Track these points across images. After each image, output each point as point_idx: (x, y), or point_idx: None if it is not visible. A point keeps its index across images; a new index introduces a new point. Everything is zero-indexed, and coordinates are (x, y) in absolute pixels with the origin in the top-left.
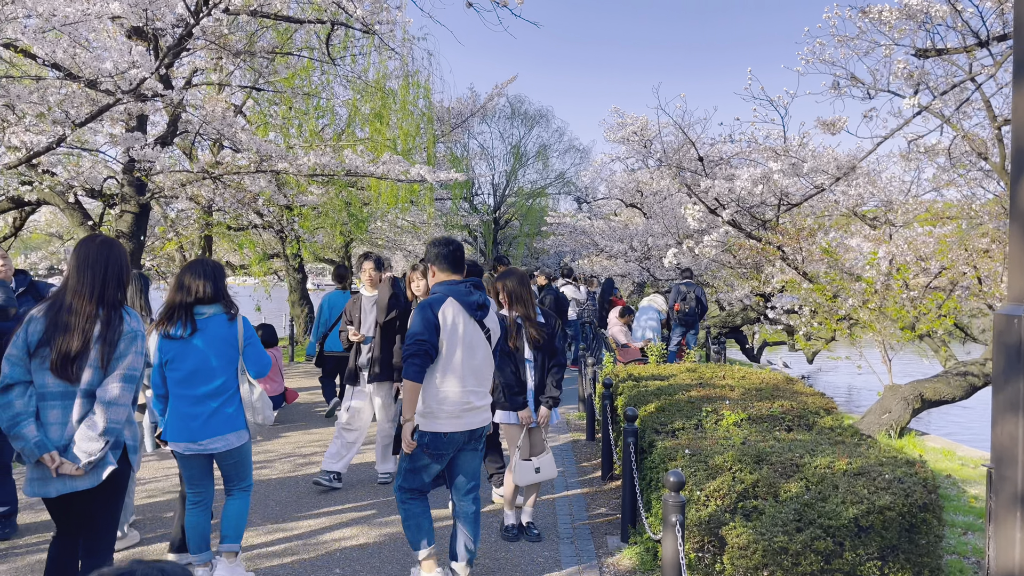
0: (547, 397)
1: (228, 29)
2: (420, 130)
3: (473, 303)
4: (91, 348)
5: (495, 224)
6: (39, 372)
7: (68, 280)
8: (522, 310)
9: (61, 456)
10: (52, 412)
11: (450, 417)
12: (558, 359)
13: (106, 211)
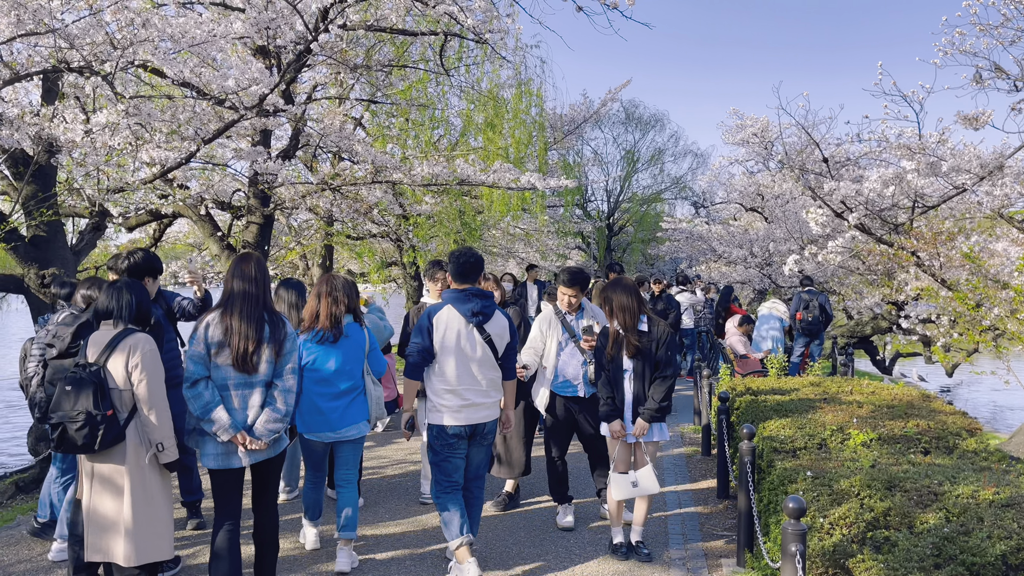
0: (645, 409)
1: (347, 44)
2: (532, 138)
3: (468, 310)
4: (263, 347)
5: (608, 230)
6: (221, 368)
7: (235, 291)
8: (623, 319)
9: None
10: (233, 400)
11: (450, 411)
12: (664, 370)
13: (234, 222)
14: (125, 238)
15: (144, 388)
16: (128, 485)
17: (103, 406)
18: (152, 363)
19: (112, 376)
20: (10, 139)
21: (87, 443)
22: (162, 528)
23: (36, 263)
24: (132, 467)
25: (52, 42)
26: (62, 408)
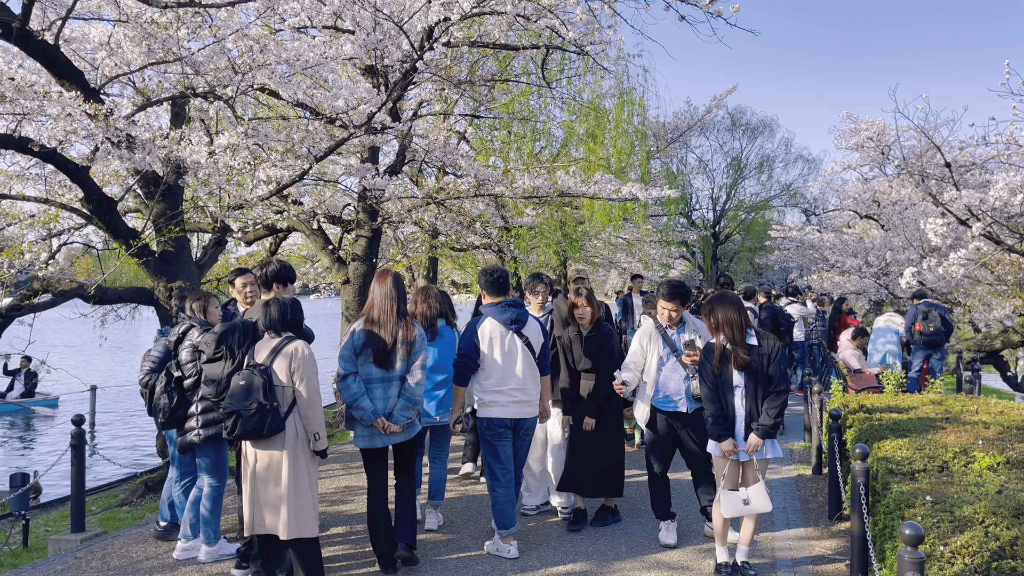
0: (758, 425)
1: (451, 61)
2: (634, 147)
3: (507, 319)
4: (398, 347)
5: (714, 239)
6: (365, 365)
7: (375, 302)
8: (729, 333)
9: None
10: (376, 391)
11: (498, 406)
12: (777, 385)
13: (344, 235)
14: (243, 251)
15: (304, 386)
16: (286, 468)
17: (270, 398)
18: (309, 365)
19: (277, 375)
20: (143, 161)
21: (256, 429)
22: (310, 508)
23: (165, 276)
24: (290, 453)
25: (180, 69)
26: (237, 399)
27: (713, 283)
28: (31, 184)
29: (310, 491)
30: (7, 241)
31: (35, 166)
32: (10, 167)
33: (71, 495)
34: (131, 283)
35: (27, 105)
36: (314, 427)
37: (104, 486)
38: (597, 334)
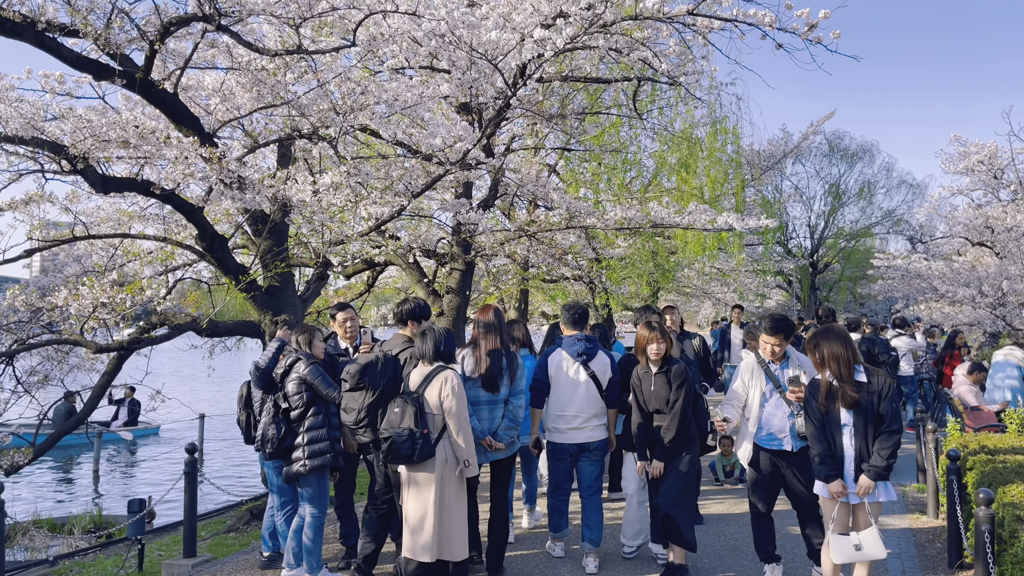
0: (870, 466)
1: (542, 96)
2: (728, 176)
3: (575, 351)
4: (503, 373)
5: (812, 268)
6: (473, 389)
7: (480, 332)
8: (836, 369)
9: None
10: (483, 412)
11: (559, 432)
12: (889, 424)
13: (438, 269)
14: (341, 283)
15: (454, 414)
16: (435, 493)
17: (421, 425)
18: (459, 394)
19: (428, 403)
20: (252, 201)
21: (409, 454)
22: (459, 532)
23: (271, 310)
24: (439, 478)
25: (286, 112)
26: (392, 425)
27: (812, 313)
28: (150, 223)
29: (458, 515)
30: (127, 277)
31: (154, 206)
32: (131, 207)
33: (184, 521)
34: (237, 316)
35: (149, 150)
36: (463, 454)
37: (212, 512)
38: (668, 371)
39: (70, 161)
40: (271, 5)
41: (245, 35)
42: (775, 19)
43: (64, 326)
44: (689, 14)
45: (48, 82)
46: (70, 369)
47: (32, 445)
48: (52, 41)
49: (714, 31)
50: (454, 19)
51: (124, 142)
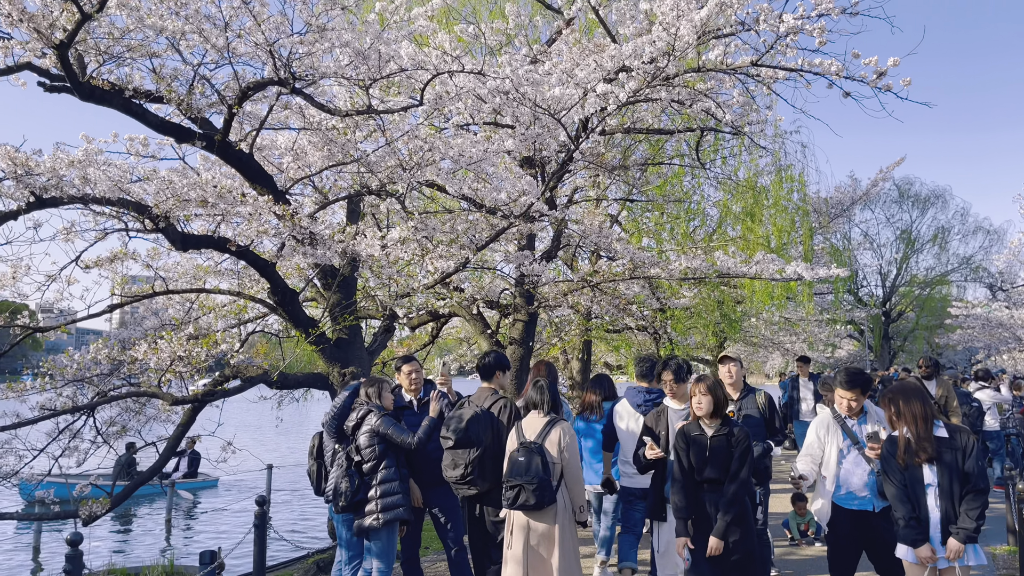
0: (959, 528)
1: (604, 148)
2: (795, 224)
3: (636, 402)
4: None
5: (885, 317)
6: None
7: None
8: (913, 426)
9: None
10: None
11: (626, 477)
12: (976, 482)
13: (501, 320)
14: (405, 333)
15: (571, 463)
16: (556, 538)
17: (545, 472)
18: (574, 443)
19: (548, 452)
20: (323, 256)
21: (539, 501)
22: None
23: (339, 362)
24: (559, 524)
25: (355, 169)
26: (519, 474)
27: (885, 364)
28: (224, 278)
29: (575, 559)
30: (202, 330)
31: (228, 261)
32: (207, 262)
33: (253, 573)
34: (306, 368)
35: (225, 208)
36: (579, 500)
37: (280, 564)
38: (729, 434)
39: (152, 220)
40: (342, 68)
41: (317, 96)
42: (842, 68)
43: (143, 378)
44: (753, 65)
45: (133, 145)
46: (147, 420)
47: (110, 495)
48: (138, 107)
49: (779, 81)
50: (518, 77)
51: (203, 201)
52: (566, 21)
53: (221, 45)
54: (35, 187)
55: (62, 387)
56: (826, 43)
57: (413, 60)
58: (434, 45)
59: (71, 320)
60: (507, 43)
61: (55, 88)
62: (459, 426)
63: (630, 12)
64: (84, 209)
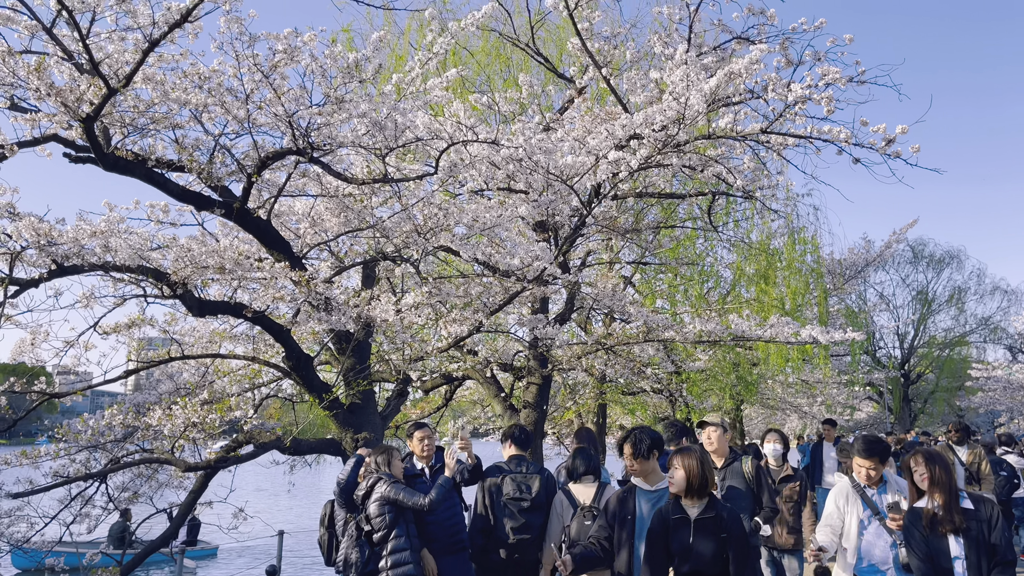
0: None
1: (617, 212)
2: (809, 286)
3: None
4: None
5: (904, 379)
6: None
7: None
8: (937, 496)
9: None
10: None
11: None
12: (1004, 555)
13: (515, 383)
14: (419, 395)
15: None
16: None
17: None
18: None
19: None
20: (338, 322)
21: (607, 561)
22: None
23: (352, 428)
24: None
25: (371, 234)
26: (585, 536)
27: (906, 426)
28: (240, 343)
29: None
30: (216, 395)
31: (244, 326)
32: (222, 327)
33: None
34: (319, 433)
35: (242, 274)
36: None
37: None
38: (716, 519)
39: (171, 286)
40: (360, 137)
41: (334, 164)
42: (851, 135)
43: (156, 444)
44: (762, 132)
45: (154, 212)
46: (159, 487)
47: (119, 564)
48: (160, 176)
49: (789, 147)
50: (531, 145)
51: (220, 268)
52: (578, 90)
53: (242, 116)
54: (57, 256)
55: (75, 453)
56: (834, 111)
57: (429, 129)
58: (449, 114)
59: (87, 385)
60: (520, 111)
61: (80, 159)
62: (535, 488)
63: (640, 81)
64: (104, 276)
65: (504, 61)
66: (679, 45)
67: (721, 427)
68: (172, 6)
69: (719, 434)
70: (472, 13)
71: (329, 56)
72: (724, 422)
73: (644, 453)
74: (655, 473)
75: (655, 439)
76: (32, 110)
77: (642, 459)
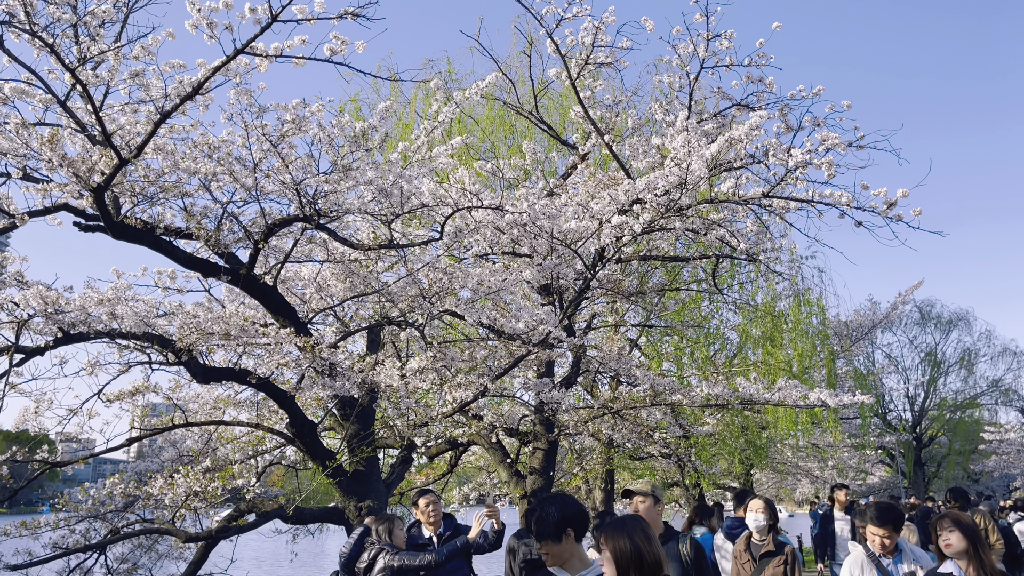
0: None
1: (621, 275)
2: (816, 348)
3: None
4: None
5: (916, 442)
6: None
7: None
8: (975, 568)
9: None
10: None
11: None
12: None
13: (521, 448)
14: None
15: None
16: None
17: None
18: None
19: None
20: (342, 388)
21: None
22: None
23: (355, 496)
24: None
25: (376, 299)
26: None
27: (921, 491)
28: (244, 409)
29: None
30: (219, 462)
31: (247, 391)
32: (226, 392)
33: None
34: (322, 500)
35: (247, 340)
36: None
37: None
38: None
39: (176, 353)
40: (366, 204)
41: (340, 230)
42: (852, 199)
43: (157, 514)
44: (764, 196)
45: (161, 279)
46: (159, 557)
47: None
48: (168, 244)
49: (791, 211)
50: (535, 211)
51: (225, 334)
52: (581, 156)
53: (250, 184)
54: (64, 323)
55: (76, 523)
56: (835, 175)
57: (434, 195)
58: (454, 181)
59: (90, 454)
60: (525, 177)
61: (90, 228)
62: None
63: (643, 147)
64: (110, 343)
65: (508, 128)
66: (680, 112)
67: (652, 496)
68: (184, 79)
69: (648, 505)
70: (476, 83)
71: (336, 125)
72: (656, 490)
73: (552, 534)
74: (575, 558)
75: (569, 515)
76: (44, 180)
77: (551, 542)
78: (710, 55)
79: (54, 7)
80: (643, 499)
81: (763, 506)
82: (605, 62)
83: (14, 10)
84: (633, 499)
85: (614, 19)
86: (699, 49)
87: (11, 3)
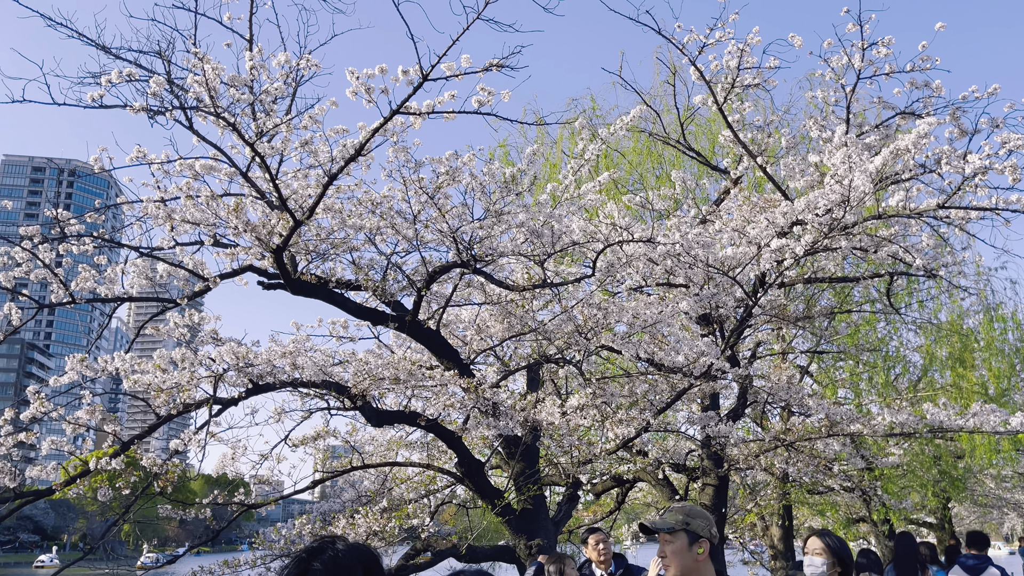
0: None
1: (785, 300)
2: (1015, 368)
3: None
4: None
5: None
6: None
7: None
8: None
9: None
10: None
11: None
12: None
13: (689, 484)
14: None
15: None
16: None
17: None
18: None
19: None
20: (505, 427)
21: None
22: None
23: (524, 534)
24: None
25: (533, 338)
26: None
27: None
28: (415, 450)
29: None
30: (395, 502)
31: (417, 433)
32: (398, 434)
33: None
34: (493, 539)
35: (415, 384)
36: None
37: None
38: None
39: (351, 399)
40: (519, 246)
41: (496, 273)
42: None
43: None
44: (940, 207)
45: (335, 328)
46: None
47: None
48: (340, 296)
49: (972, 220)
50: (688, 240)
51: (395, 379)
52: (733, 180)
53: (411, 235)
54: (253, 375)
55: (270, 561)
56: (1020, 179)
57: (584, 232)
58: (604, 216)
59: (280, 496)
60: (675, 207)
61: (272, 286)
62: None
63: (799, 166)
64: (293, 391)
65: (656, 159)
66: (837, 127)
67: (685, 532)
68: (347, 143)
69: (677, 546)
70: (621, 117)
71: (487, 172)
72: (693, 521)
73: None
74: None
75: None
76: (231, 245)
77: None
78: (867, 64)
79: (233, 89)
80: (668, 538)
81: (823, 547)
82: (753, 83)
83: (200, 95)
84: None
85: (759, 40)
86: (854, 60)
87: (198, 89)
